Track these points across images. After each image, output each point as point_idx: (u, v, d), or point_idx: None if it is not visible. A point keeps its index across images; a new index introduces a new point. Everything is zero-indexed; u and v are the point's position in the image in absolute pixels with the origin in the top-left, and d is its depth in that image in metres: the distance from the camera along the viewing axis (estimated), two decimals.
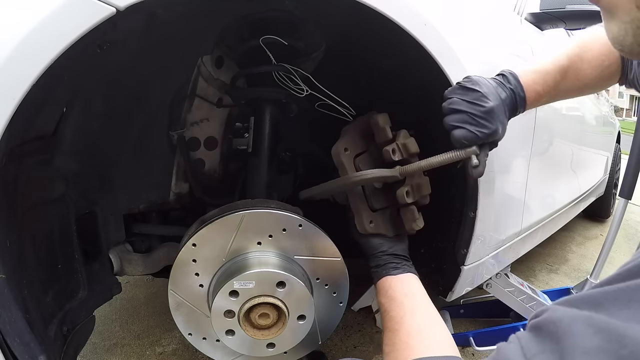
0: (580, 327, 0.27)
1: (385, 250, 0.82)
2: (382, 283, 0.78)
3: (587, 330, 0.26)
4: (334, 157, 0.84)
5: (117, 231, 0.98)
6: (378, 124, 0.82)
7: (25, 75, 0.51)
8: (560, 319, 0.28)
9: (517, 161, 1.15)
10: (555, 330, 0.28)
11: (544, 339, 0.29)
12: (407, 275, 0.77)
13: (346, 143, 0.84)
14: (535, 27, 1.47)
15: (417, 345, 0.62)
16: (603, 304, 0.27)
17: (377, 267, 0.81)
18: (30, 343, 0.60)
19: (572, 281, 2.19)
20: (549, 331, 0.29)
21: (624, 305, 0.26)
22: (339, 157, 0.83)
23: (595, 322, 0.26)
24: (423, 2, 0.80)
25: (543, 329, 0.30)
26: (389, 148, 0.80)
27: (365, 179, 0.79)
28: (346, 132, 0.86)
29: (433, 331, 0.66)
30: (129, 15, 0.56)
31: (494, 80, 0.77)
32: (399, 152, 0.81)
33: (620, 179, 2.11)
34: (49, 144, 0.73)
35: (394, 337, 0.66)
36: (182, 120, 1.00)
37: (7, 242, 0.61)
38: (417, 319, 0.68)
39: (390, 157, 0.80)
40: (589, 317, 0.27)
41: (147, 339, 1.49)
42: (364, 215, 0.83)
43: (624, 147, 3.15)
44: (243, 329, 0.78)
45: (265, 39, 0.87)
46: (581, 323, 0.27)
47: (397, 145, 0.80)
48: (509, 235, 1.24)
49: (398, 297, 0.73)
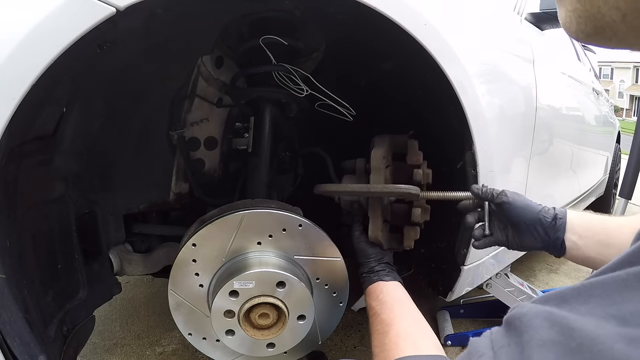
0: (538, 321, 0.28)
1: (380, 258, 0.85)
2: (374, 287, 0.80)
3: (543, 324, 0.28)
4: (373, 160, 0.87)
5: (117, 231, 0.98)
6: (415, 147, 0.89)
7: (25, 75, 0.51)
8: (525, 314, 0.30)
9: (517, 161, 1.15)
10: (519, 325, 0.30)
11: (510, 333, 0.31)
12: (396, 283, 0.81)
13: (384, 152, 0.87)
14: (535, 27, 1.48)
15: (406, 346, 0.64)
16: (568, 299, 0.29)
17: (369, 273, 0.83)
18: (30, 343, 0.60)
19: (572, 281, 2.19)
20: (515, 326, 0.31)
21: (585, 300, 0.28)
22: (378, 162, 0.86)
23: (553, 316, 0.28)
24: (423, 2, 0.80)
25: (511, 323, 0.31)
26: (420, 171, 0.86)
27: (400, 192, 0.82)
28: (383, 142, 0.89)
29: (421, 335, 0.68)
30: (129, 15, 0.56)
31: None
32: (424, 177, 0.87)
33: (620, 179, 2.11)
34: (49, 144, 0.73)
35: (383, 339, 0.68)
36: (182, 120, 1.00)
37: (7, 242, 0.61)
38: (406, 322, 0.70)
39: (420, 179, 0.86)
40: (549, 312, 0.28)
41: (147, 339, 1.49)
42: (379, 223, 0.86)
43: (624, 147, 3.15)
44: (243, 329, 0.78)
45: (265, 39, 0.87)
46: (540, 318, 0.28)
47: (423, 171, 0.87)
48: None
49: (389, 301, 0.75)
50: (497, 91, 1.03)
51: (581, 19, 0.29)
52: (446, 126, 0.94)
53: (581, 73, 2.26)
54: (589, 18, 0.28)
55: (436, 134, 0.99)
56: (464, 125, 0.89)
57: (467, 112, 0.87)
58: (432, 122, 1.01)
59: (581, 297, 0.28)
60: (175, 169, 1.04)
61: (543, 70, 1.32)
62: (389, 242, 0.90)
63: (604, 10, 0.27)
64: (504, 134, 1.05)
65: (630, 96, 32.66)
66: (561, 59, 1.76)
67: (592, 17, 0.28)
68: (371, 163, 0.86)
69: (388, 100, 1.12)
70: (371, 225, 0.86)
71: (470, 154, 0.92)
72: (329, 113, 0.96)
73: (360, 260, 0.87)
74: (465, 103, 0.86)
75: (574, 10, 0.29)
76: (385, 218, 0.89)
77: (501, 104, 1.03)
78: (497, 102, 1.01)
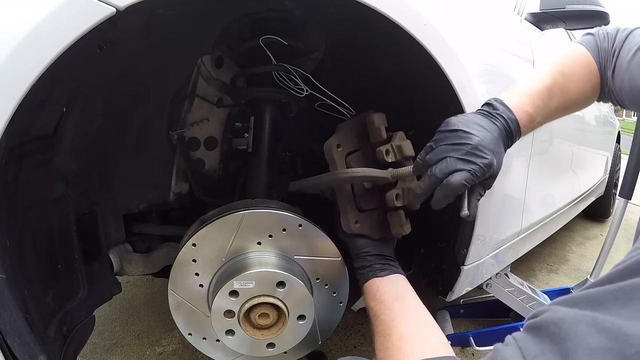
0: (583, 327, 0.26)
1: (369, 250, 0.81)
2: (369, 286, 0.77)
3: (590, 330, 0.26)
4: (325, 152, 0.83)
5: (117, 231, 0.98)
6: (373, 122, 0.80)
7: (25, 75, 0.51)
8: (563, 320, 0.28)
9: (517, 161, 1.15)
10: (557, 332, 0.27)
11: (543, 340, 0.28)
12: (394, 276, 0.77)
13: (339, 139, 0.83)
14: (535, 27, 1.47)
15: (411, 348, 0.61)
16: (603, 302, 0.27)
17: (362, 269, 0.80)
18: (30, 343, 0.60)
19: (572, 281, 2.19)
20: (550, 332, 0.28)
21: (624, 303, 0.26)
22: (331, 152, 0.82)
23: (598, 321, 0.26)
24: (423, 2, 0.80)
25: (543, 329, 0.29)
26: (383, 149, 0.79)
27: (354, 177, 0.78)
28: (341, 129, 0.85)
29: (426, 334, 0.65)
30: (129, 15, 0.56)
31: (479, 113, 0.72)
32: (393, 153, 0.79)
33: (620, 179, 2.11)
34: (49, 144, 0.73)
35: (386, 342, 0.65)
36: (182, 120, 1.00)
37: (7, 242, 0.61)
38: (409, 321, 0.67)
39: (384, 158, 0.78)
40: (592, 317, 0.26)
41: (147, 339, 1.49)
42: (350, 214, 0.83)
43: (624, 147, 3.15)
44: (243, 329, 0.78)
45: (265, 39, 0.87)
46: (584, 323, 0.26)
47: (391, 146, 0.79)
48: (508, 235, 1.24)
49: (387, 299, 0.72)
50: (497, 91, 1.02)
51: None
52: None
53: None
54: None
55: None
56: None
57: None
58: (432, 122, 1.01)
59: (619, 300, 0.26)
60: (175, 169, 1.04)
61: None
62: (380, 231, 0.84)
63: None
64: None
65: None
66: None
67: None
68: (325, 155, 0.82)
69: (388, 100, 1.12)
70: (342, 216, 0.83)
71: None
72: (329, 113, 0.96)
73: (352, 255, 0.84)
74: (465, 103, 0.86)
75: None
76: (360, 207, 0.84)
77: None
78: None
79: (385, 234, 0.85)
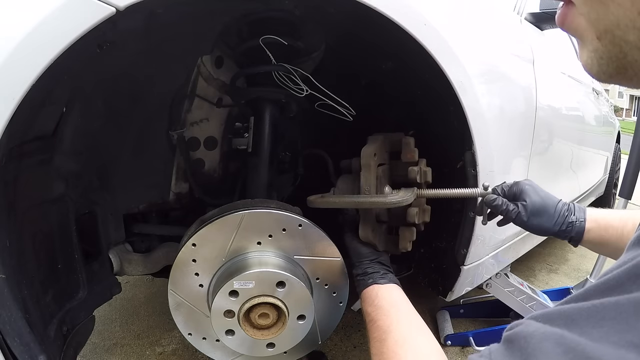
0: (550, 345, 0.27)
1: (373, 259, 0.83)
2: (368, 292, 0.78)
3: (556, 350, 0.26)
4: (363, 157, 0.84)
5: (117, 231, 0.98)
6: (409, 144, 0.87)
7: (25, 75, 0.51)
8: (532, 335, 0.28)
9: (517, 161, 1.15)
10: (526, 346, 0.28)
11: (513, 353, 0.29)
12: (392, 286, 0.78)
13: (376, 149, 0.85)
14: (535, 27, 1.48)
15: (405, 353, 0.62)
16: (577, 320, 0.27)
17: (363, 275, 0.81)
18: (30, 343, 0.60)
19: (572, 281, 2.19)
20: (520, 346, 0.29)
21: (596, 323, 0.26)
22: (368, 159, 0.84)
23: (565, 341, 0.26)
24: (423, 2, 0.80)
25: (514, 342, 0.30)
26: (416, 169, 0.84)
27: (394, 202, 0.79)
28: (376, 140, 0.87)
29: (421, 340, 0.66)
30: (129, 15, 0.56)
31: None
32: (419, 175, 0.85)
33: (620, 179, 2.11)
34: (48, 144, 0.73)
35: (381, 347, 0.66)
36: (182, 120, 1.00)
37: (7, 242, 0.61)
38: (404, 328, 0.68)
39: (415, 178, 0.84)
40: (561, 335, 0.27)
41: (147, 339, 1.49)
42: (370, 223, 0.85)
43: (624, 147, 3.15)
44: (243, 329, 0.78)
45: (265, 38, 0.87)
46: (552, 341, 0.27)
47: (420, 169, 0.86)
48: (508, 235, 1.24)
49: (385, 306, 0.73)
50: (497, 91, 1.03)
51: (603, 59, 0.29)
52: (446, 126, 0.94)
53: (581, 73, 2.26)
54: (611, 58, 0.28)
55: (436, 134, 0.99)
56: (463, 125, 0.89)
57: (467, 112, 0.87)
58: (432, 122, 1.01)
59: (592, 319, 0.26)
60: (175, 169, 1.04)
61: (543, 70, 1.32)
62: (384, 243, 0.88)
63: (626, 50, 0.27)
64: (504, 133, 1.05)
65: (630, 96, 32.64)
66: (561, 59, 1.76)
67: (614, 57, 0.28)
68: (361, 160, 0.84)
69: (388, 100, 1.12)
70: (361, 224, 0.84)
71: (470, 153, 0.92)
72: (329, 113, 0.96)
73: (353, 261, 0.85)
74: (465, 103, 0.86)
75: (595, 51, 0.29)
76: (378, 218, 0.87)
77: (501, 104, 1.03)
78: (497, 102, 1.01)
79: (387, 246, 0.89)
